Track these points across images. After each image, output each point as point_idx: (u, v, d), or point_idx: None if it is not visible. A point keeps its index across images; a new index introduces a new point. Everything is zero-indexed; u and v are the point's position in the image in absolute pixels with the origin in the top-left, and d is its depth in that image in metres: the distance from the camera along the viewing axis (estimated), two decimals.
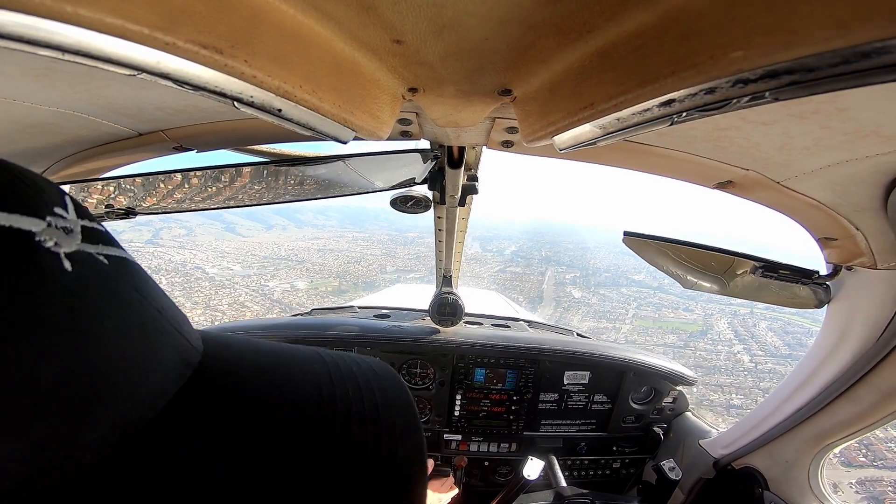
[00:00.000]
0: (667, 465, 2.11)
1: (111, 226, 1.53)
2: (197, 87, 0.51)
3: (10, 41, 0.37)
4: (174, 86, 0.50)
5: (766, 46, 0.38)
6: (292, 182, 1.41)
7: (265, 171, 1.35)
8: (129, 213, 1.46)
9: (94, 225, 0.39)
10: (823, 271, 1.47)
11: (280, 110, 0.61)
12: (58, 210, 0.34)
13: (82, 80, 0.90)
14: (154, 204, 1.45)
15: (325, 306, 3.38)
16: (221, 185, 1.37)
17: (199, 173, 1.29)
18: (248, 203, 1.48)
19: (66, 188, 1.33)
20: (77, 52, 0.40)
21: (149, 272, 0.44)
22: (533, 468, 2.03)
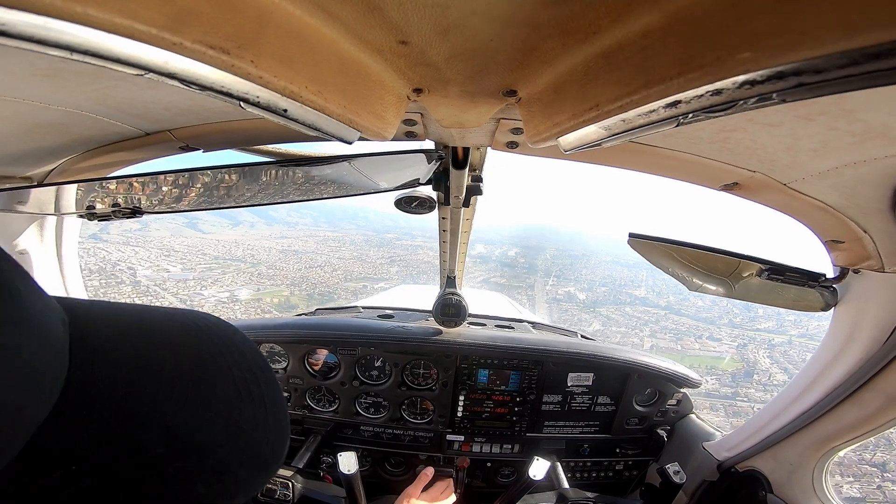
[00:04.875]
0: (671, 468, 2.11)
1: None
2: (204, 88, 0.51)
3: (20, 41, 0.37)
4: (181, 86, 0.50)
5: (774, 48, 0.38)
6: (297, 182, 1.41)
7: (271, 171, 1.35)
8: (135, 212, 1.46)
9: None
10: (830, 274, 1.46)
11: (286, 111, 0.61)
12: None
13: (91, 80, 0.90)
14: (160, 203, 1.46)
15: (328, 306, 3.39)
16: (227, 185, 1.38)
17: (204, 173, 1.29)
18: (253, 203, 1.49)
19: (73, 187, 1.34)
20: (86, 52, 0.40)
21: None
22: (539, 468, 2.03)
